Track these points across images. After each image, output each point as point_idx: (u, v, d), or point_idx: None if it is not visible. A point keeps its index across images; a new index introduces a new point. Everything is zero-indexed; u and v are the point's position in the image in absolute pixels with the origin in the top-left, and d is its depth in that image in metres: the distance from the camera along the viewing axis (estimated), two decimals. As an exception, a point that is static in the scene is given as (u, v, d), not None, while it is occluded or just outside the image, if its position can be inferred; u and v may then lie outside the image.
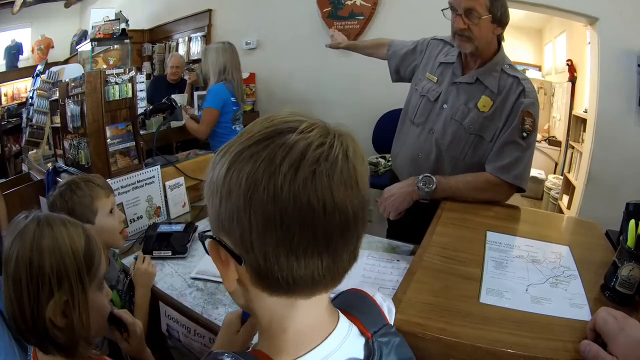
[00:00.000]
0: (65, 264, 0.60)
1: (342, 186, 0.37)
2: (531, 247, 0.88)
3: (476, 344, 0.59)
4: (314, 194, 0.36)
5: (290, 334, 0.42)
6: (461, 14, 1.12)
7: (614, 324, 0.55)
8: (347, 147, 0.39)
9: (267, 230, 0.36)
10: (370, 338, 0.46)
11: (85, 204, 0.98)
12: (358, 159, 0.40)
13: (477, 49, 1.16)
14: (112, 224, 1.03)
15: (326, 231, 0.37)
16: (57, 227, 0.63)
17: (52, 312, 0.59)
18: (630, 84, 2.11)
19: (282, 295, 0.40)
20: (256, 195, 0.36)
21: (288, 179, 0.35)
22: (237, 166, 0.38)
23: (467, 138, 1.20)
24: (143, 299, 1.02)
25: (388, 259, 1.10)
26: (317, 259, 0.38)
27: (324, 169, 0.36)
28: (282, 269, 0.37)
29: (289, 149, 0.36)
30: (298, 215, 0.36)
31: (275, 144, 0.37)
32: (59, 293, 0.59)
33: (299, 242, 0.36)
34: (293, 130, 0.38)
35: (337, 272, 0.41)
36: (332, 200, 0.36)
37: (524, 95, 1.14)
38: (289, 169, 0.36)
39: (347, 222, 0.38)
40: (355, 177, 0.38)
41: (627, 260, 0.68)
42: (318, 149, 0.37)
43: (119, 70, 1.60)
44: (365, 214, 0.40)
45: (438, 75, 1.30)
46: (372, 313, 0.51)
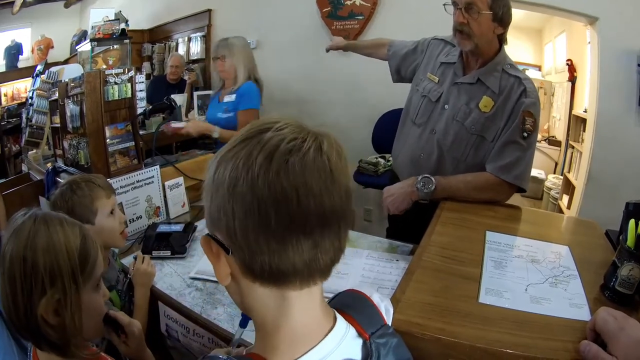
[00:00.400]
0: (59, 263, 0.61)
1: (315, 173, 0.39)
2: (531, 247, 0.88)
3: (475, 344, 0.59)
4: (286, 180, 0.38)
5: (284, 333, 0.42)
6: (461, 8, 1.12)
7: (614, 324, 0.55)
8: (322, 142, 0.41)
9: (247, 218, 0.39)
10: (368, 339, 0.46)
11: (85, 204, 0.98)
12: (333, 152, 0.41)
13: (476, 46, 1.16)
14: (112, 224, 1.02)
15: (302, 215, 0.39)
16: (53, 225, 0.63)
17: (44, 309, 0.59)
18: (630, 83, 2.10)
19: (272, 286, 0.42)
20: (237, 187, 0.39)
21: (263, 169, 0.38)
22: (222, 165, 0.41)
23: (469, 138, 1.20)
24: (142, 299, 1.02)
25: (387, 258, 1.10)
26: (297, 245, 0.39)
27: (297, 158, 0.39)
28: (264, 254, 0.39)
29: (263, 144, 0.40)
30: (273, 201, 0.38)
31: (252, 141, 0.41)
32: (52, 291, 0.60)
33: (277, 227, 0.38)
34: (269, 130, 0.41)
35: (322, 262, 0.41)
36: (305, 185, 0.39)
37: (525, 95, 1.13)
38: (264, 161, 0.39)
39: (322, 209, 0.39)
40: (329, 167, 0.40)
41: (626, 260, 0.68)
42: (290, 143, 0.40)
43: (118, 70, 1.59)
44: (345, 205, 0.42)
45: (439, 76, 1.29)
46: (369, 314, 0.51)
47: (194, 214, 1.52)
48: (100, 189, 1.02)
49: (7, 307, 0.60)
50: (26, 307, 0.59)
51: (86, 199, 0.98)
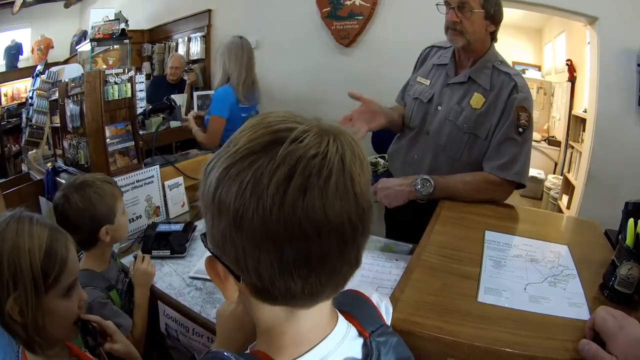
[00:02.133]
0: (21, 268, 0.61)
1: (337, 202, 0.34)
2: (530, 247, 0.88)
3: (474, 343, 0.59)
4: (305, 216, 0.33)
5: (289, 336, 0.42)
6: (454, 7, 1.13)
7: (613, 323, 0.55)
8: (344, 152, 0.36)
9: (260, 254, 0.35)
10: (368, 338, 0.46)
11: (108, 204, 1.00)
12: (356, 164, 0.36)
13: (469, 43, 1.16)
14: (124, 221, 1.07)
15: (322, 252, 0.35)
16: (21, 231, 0.63)
17: (10, 307, 0.61)
18: (630, 83, 2.11)
19: (283, 305, 0.40)
20: (245, 219, 0.34)
21: (277, 201, 0.33)
22: (225, 184, 0.36)
23: (462, 137, 1.20)
24: (142, 298, 1.02)
25: (386, 258, 1.10)
26: (314, 278, 0.37)
27: (316, 185, 0.34)
28: (279, 288, 0.37)
29: (276, 166, 0.34)
30: (290, 239, 0.34)
31: (261, 161, 0.34)
32: (15, 294, 0.61)
33: (294, 265, 0.35)
34: (281, 141, 0.35)
35: (338, 283, 0.40)
36: (327, 221, 0.34)
37: (516, 90, 1.14)
38: (277, 190, 0.33)
39: (344, 240, 0.36)
40: (352, 188, 0.36)
41: (625, 259, 0.68)
42: (310, 162, 0.34)
43: (118, 70, 1.60)
44: (365, 223, 0.38)
45: (431, 78, 1.30)
46: (369, 313, 0.51)
47: (194, 214, 1.52)
48: (117, 189, 1.05)
49: None
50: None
51: (106, 199, 1.00)
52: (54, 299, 0.65)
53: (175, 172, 1.59)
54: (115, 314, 0.95)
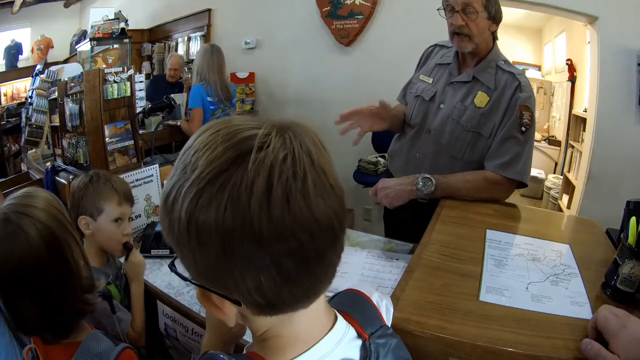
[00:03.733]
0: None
1: (319, 199, 0.34)
2: (531, 246, 0.87)
3: (476, 342, 0.58)
4: (295, 223, 0.33)
5: (285, 339, 0.41)
6: (459, 10, 1.12)
7: (616, 322, 0.55)
8: (307, 145, 0.35)
9: (259, 273, 0.34)
10: (368, 339, 0.45)
11: (93, 198, 0.99)
12: (321, 154, 0.36)
13: (476, 46, 1.16)
14: (112, 231, 1.01)
15: (318, 251, 0.35)
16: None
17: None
18: (630, 83, 2.10)
19: (282, 314, 0.39)
20: (236, 244, 0.32)
21: (264, 217, 0.32)
22: (199, 214, 0.33)
23: (465, 136, 1.20)
24: (137, 291, 1.02)
25: (387, 257, 1.10)
26: (314, 277, 0.37)
27: (297, 189, 0.33)
28: (285, 299, 0.36)
29: (251, 181, 0.32)
30: (286, 249, 0.33)
31: (233, 179, 0.32)
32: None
33: (295, 272, 0.35)
34: (247, 152, 0.33)
35: (332, 275, 0.40)
36: (316, 221, 0.34)
37: (520, 90, 1.14)
38: (261, 206, 0.32)
39: (334, 234, 0.37)
40: (327, 181, 0.35)
41: (628, 258, 0.67)
42: (282, 166, 0.33)
43: (117, 69, 1.59)
44: (345, 209, 0.38)
45: (433, 76, 1.30)
46: (369, 314, 0.50)
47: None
48: (114, 193, 1.02)
49: None
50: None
51: (96, 194, 1.00)
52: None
53: (174, 172, 1.58)
54: (115, 307, 0.95)
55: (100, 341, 0.66)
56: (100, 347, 0.65)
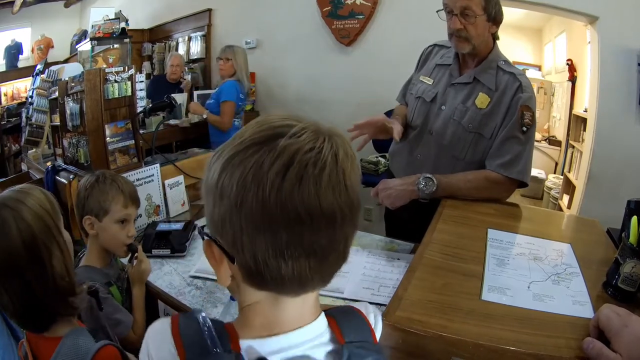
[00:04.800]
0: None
1: (329, 191, 0.38)
2: (532, 245, 0.87)
3: (478, 341, 0.58)
4: (300, 202, 0.36)
5: (263, 318, 0.43)
6: (457, 14, 1.12)
7: (617, 320, 0.55)
8: (337, 149, 0.39)
9: (256, 235, 0.38)
10: (343, 344, 0.44)
11: (98, 199, 0.99)
12: (348, 162, 0.40)
13: (474, 47, 1.16)
14: (115, 231, 1.01)
15: (313, 236, 0.38)
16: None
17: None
18: (630, 83, 2.11)
19: (271, 291, 0.42)
20: (246, 202, 0.37)
21: (275, 186, 0.36)
22: (228, 171, 0.39)
23: (467, 137, 1.20)
24: (140, 294, 1.02)
25: (388, 257, 1.10)
26: (304, 261, 0.39)
27: (311, 175, 0.37)
28: (271, 270, 0.39)
29: (276, 156, 0.37)
30: (286, 222, 0.37)
31: (263, 149, 0.38)
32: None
33: (287, 247, 0.38)
34: (281, 135, 0.38)
35: (325, 272, 0.42)
36: (319, 207, 0.37)
37: (521, 90, 1.14)
38: (276, 177, 0.36)
39: (334, 228, 0.39)
40: (344, 181, 0.39)
41: (629, 257, 0.67)
42: (307, 154, 0.37)
43: (118, 68, 1.59)
44: (354, 216, 0.40)
45: (434, 77, 1.30)
46: (356, 325, 0.49)
47: (194, 213, 1.52)
48: (120, 194, 1.02)
49: None
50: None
51: (102, 195, 0.99)
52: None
53: (175, 171, 1.58)
54: (115, 309, 0.95)
55: (81, 337, 0.65)
56: (80, 343, 0.64)
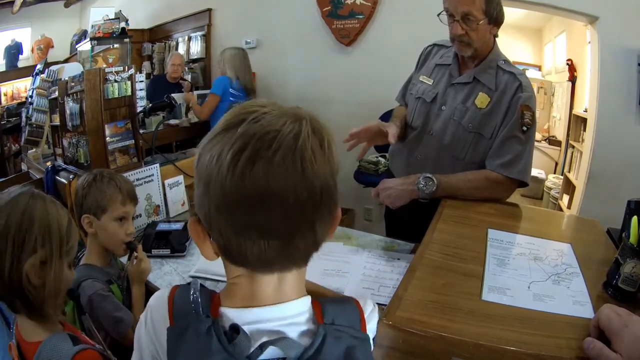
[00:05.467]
0: (51, 229, 0.67)
1: (281, 173, 0.38)
2: (533, 245, 0.87)
3: (479, 341, 0.58)
4: (251, 185, 0.38)
5: (243, 290, 0.45)
6: (459, 19, 1.12)
7: (618, 321, 0.55)
8: (300, 131, 0.40)
9: (218, 214, 0.40)
10: (320, 324, 0.44)
11: (97, 197, 0.99)
12: (313, 143, 0.40)
13: (475, 50, 1.17)
14: (114, 230, 1.01)
15: (266, 217, 0.39)
16: (47, 201, 0.70)
17: (30, 267, 0.64)
18: (630, 83, 2.10)
19: (242, 267, 0.44)
20: (210, 184, 0.40)
21: (230, 170, 0.38)
22: (203, 155, 0.42)
23: (467, 137, 1.20)
24: (139, 293, 1.02)
25: (388, 257, 1.10)
26: (262, 242, 0.40)
27: (264, 157, 0.38)
28: (236, 248, 0.41)
29: (234, 140, 0.39)
30: (239, 203, 0.39)
31: (228, 134, 0.40)
32: (42, 251, 0.65)
33: (243, 227, 0.40)
34: (244, 121, 0.40)
35: (294, 255, 0.43)
36: (270, 190, 0.38)
37: (521, 90, 1.14)
38: (232, 160, 0.38)
39: (288, 210, 0.39)
40: (301, 163, 0.39)
41: (629, 258, 0.67)
42: (262, 137, 0.39)
43: (118, 68, 1.59)
44: (316, 200, 0.40)
45: (434, 77, 1.30)
46: (343, 311, 0.47)
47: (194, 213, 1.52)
48: (118, 192, 1.02)
49: None
50: (12, 264, 0.64)
51: (100, 193, 1.00)
52: (65, 265, 0.71)
53: (175, 171, 1.58)
54: (116, 307, 0.95)
55: (60, 341, 0.65)
56: (58, 346, 0.65)
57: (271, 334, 0.42)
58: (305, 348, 0.42)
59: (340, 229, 1.33)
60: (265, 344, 0.41)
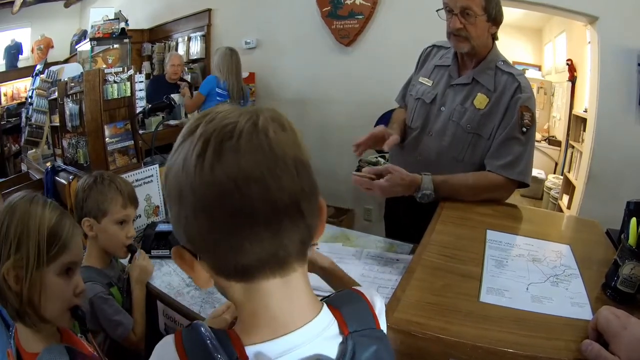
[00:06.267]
0: (28, 233, 0.64)
1: (251, 156, 0.37)
2: (531, 246, 0.87)
3: (477, 343, 0.58)
4: (222, 173, 0.36)
5: (261, 318, 0.41)
6: (457, 13, 1.12)
7: (617, 322, 0.55)
8: (257, 119, 0.39)
9: (197, 220, 0.38)
10: (347, 335, 0.43)
11: (97, 200, 0.99)
12: (270, 127, 0.39)
13: (473, 48, 1.16)
14: (114, 232, 1.01)
15: (248, 206, 0.36)
16: (35, 203, 0.67)
17: (6, 271, 0.62)
18: (630, 83, 2.10)
19: (245, 282, 0.40)
20: (182, 193, 0.38)
21: (198, 169, 0.37)
22: (168, 173, 0.41)
23: (466, 138, 1.19)
24: (140, 295, 1.02)
25: (387, 258, 1.10)
26: (254, 237, 0.37)
27: (229, 146, 0.37)
28: (225, 253, 0.38)
29: (195, 142, 0.38)
30: (215, 198, 0.37)
31: (186, 142, 0.39)
32: (15, 256, 0.62)
33: (224, 224, 0.37)
34: (200, 124, 0.40)
35: (291, 246, 0.39)
36: (243, 173, 0.36)
37: (520, 90, 1.14)
38: (197, 160, 0.37)
39: (269, 192, 0.37)
40: (266, 142, 0.37)
41: (628, 259, 0.67)
42: (222, 130, 0.38)
43: (117, 69, 1.59)
44: (298, 179, 0.38)
45: (433, 78, 1.30)
46: (358, 312, 0.47)
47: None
48: (119, 195, 1.01)
49: None
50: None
51: (100, 196, 0.99)
52: (51, 274, 0.66)
53: (175, 172, 1.58)
54: (116, 310, 0.95)
55: (55, 355, 0.64)
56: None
57: (306, 359, 0.40)
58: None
59: (340, 229, 1.33)
60: None
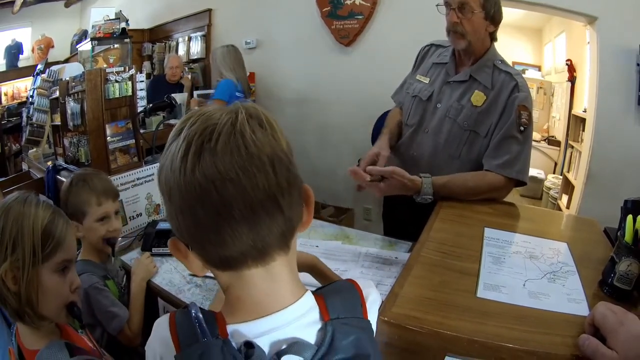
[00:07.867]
0: (23, 234, 0.65)
1: (227, 156, 0.39)
2: (529, 244, 0.88)
3: (474, 338, 0.59)
4: (201, 175, 0.39)
5: (244, 301, 0.44)
6: (455, 8, 1.13)
7: (614, 318, 0.55)
8: (236, 117, 0.41)
9: (184, 217, 0.41)
10: (327, 321, 0.44)
11: (75, 202, 1.00)
12: (247, 126, 0.41)
13: (469, 44, 1.17)
14: (99, 230, 1.01)
15: (226, 204, 0.39)
16: (28, 203, 0.68)
17: (4, 273, 0.63)
18: (629, 83, 2.11)
19: (230, 271, 0.44)
20: (172, 193, 0.41)
21: (182, 171, 0.40)
22: (160, 174, 0.44)
23: (462, 135, 1.20)
24: (138, 288, 1.02)
25: (386, 256, 1.10)
26: (233, 232, 0.40)
27: (207, 149, 0.39)
28: (209, 246, 0.41)
29: (179, 145, 0.41)
30: (197, 198, 0.39)
31: (172, 146, 0.42)
32: (12, 257, 0.64)
33: (206, 220, 0.40)
34: (184, 127, 0.42)
35: (270, 238, 0.42)
36: (219, 173, 0.39)
37: (517, 89, 1.15)
38: (181, 162, 0.40)
39: (244, 190, 0.39)
40: (243, 143, 0.40)
41: (624, 256, 0.68)
42: (202, 133, 0.40)
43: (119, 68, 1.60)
44: (273, 176, 0.40)
45: (430, 75, 1.30)
46: (346, 301, 0.47)
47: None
48: (91, 194, 1.01)
49: None
50: None
51: (77, 198, 1.00)
52: (47, 272, 0.67)
53: (175, 171, 1.59)
54: (111, 302, 0.95)
55: (56, 351, 0.65)
56: (54, 357, 0.64)
57: (283, 341, 0.42)
58: (317, 347, 0.42)
59: (339, 228, 1.33)
60: (281, 352, 0.41)
